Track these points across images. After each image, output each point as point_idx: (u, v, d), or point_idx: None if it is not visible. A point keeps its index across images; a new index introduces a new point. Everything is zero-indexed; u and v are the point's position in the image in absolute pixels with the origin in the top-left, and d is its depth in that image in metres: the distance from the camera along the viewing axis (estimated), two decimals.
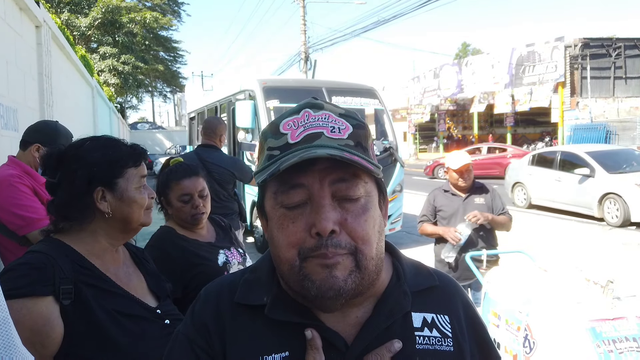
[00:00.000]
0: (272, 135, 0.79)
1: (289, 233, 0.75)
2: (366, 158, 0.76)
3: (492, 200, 3.74)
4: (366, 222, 0.76)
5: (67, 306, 1.21)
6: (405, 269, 0.88)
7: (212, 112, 10.18)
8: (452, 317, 0.85)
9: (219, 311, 0.84)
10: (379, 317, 0.80)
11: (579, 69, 25.76)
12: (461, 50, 60.18)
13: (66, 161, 1.35)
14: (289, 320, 0.79)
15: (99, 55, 22.85)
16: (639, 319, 2.29)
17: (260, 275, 0.86)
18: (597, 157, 10.20)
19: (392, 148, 7.90)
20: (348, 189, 0.75)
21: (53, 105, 4.71)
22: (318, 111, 0.79)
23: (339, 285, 0.73)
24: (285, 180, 0.75)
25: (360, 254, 0.74)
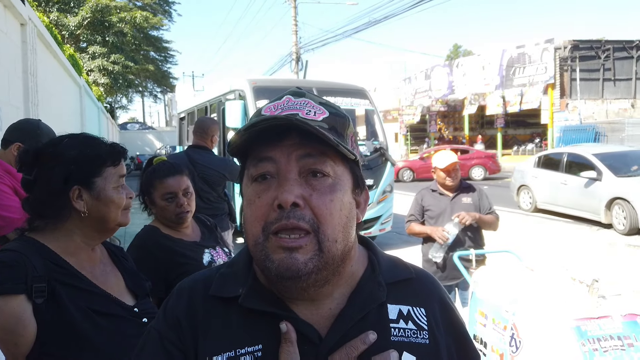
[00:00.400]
0: (254, 117, 0.81)
1: (255, 207, 0.76)
2: (337, 140, 0.76)
3: (479, 200, 3.75)
4: (332, 202, 0.75)
5: (40, 305, 1.20)
6: (380, 261, 0.87)
7: (202, 112, 10.14)
8: (428, 311, 0.84)
9: (192, 305, 0.83)
10: (352, 308, 0.80)
11: (569, 71, 25.99)
12: (452, 51, 60.55)
13: (43, 158, 1.33)
14: (262, 309, 0.78)
15: (88, 55, 22.69)
16: (624, 318, 2.29)
17: (236, 269, 0.85)
18: (605, 159, 9.58)
19: (382, 148, 7.91)
20: (316, 164, 0.76)
21: (38, 104, 4.65)
22: (298, 98, 0.81)
23: (298, 267, 0.72)
24: (255, 155, 0.77)
25: (323, 235, 0.74)
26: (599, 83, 26.63)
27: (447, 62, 34.47)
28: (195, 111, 10.84)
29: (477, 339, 2.78)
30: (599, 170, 9.31)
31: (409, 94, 36.79)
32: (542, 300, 2.47)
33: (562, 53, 25.85)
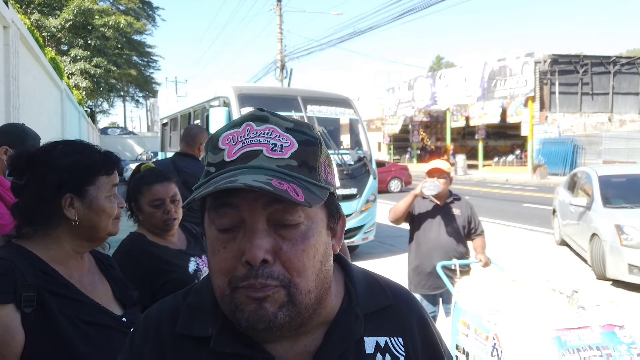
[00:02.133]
0: (211, 149, 0.74)
1: (219, 259, 0.70)
2: (308, 180, 0.70)
3: (470, 212, 3.79)
4: (304, 252, 0.69)
5: (28, 314, 1.17)
6: (357, 289, 0.83)
7: (186, 118, 10.07)
8: (405, 339, 0.82)
9: (160, 345, 0.77)
10: (329, 346, 0.76)
11: (548, 84, 26.52)
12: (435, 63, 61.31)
13: (36, 164, 1.30)
14: (237, 352, 0.73)
15: (69, 58, 22.41)
16: (603, 328, 2.34)
17: (203, 301, 0.79)
18: (608, 182, 7.53)
19: (365, 158, 7.95)
20: (285, 213, 0.68)
21: (20, 108, 4.58)
22: (261, 125, 0.72)
23: (269, 318, 0.67)
24: (217, 198, 0.70)
25: (295, 288, 0.68)
26: (578, 97, 27.24)
27: (430, 73, 34.91)
28: (178, 117, 10.77)
29: (460, 349, 2.80)
30: (592, 196, 7.39)
31: (393, 104, 37.12)
32: (523, 310, 2.50)
33: (542, 67, 26.39)
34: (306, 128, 0.75)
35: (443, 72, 33.23)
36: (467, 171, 29.46)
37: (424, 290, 3.71)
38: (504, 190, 19.77)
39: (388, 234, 9.65)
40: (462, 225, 3.74)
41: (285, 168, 0.69)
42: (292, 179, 0.68)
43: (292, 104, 7.77)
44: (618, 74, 27.84)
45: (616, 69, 27.71)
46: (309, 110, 7.81)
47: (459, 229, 3.73)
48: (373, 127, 38.52)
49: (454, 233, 3.70)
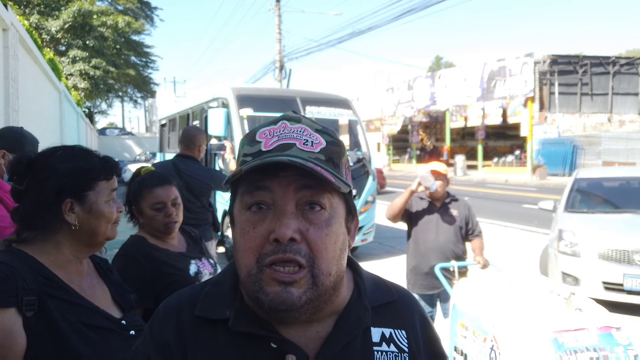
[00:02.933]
0: (248, 142, 0.80)
1: (249, 238, 0.75)
2: (334, 173, 0.77)
3: (468, 213, 3.80)
4: (327, 236, 0.75)
5: (30, 318, 1.19)
6: (365, 284, 0.89)
7: (184, 119, 10.08)
8: (408, 332, 0.88)
9: (179, 327, 0.82)
10: (340, 332, 0.81)
11: (548, 85, 26.53)
12: (434, 63, 61.31)
13: (36, 169, 1.32)
14: (253, 332, 0.78)
15: (68, 59, 22.39)
16: (599, 330, 2.35)
17: (222, 288, 0.84)
18: (586, 185, 6.84)
19: (364, 159, 7.95)
20: (313, 197, 0.75)
21: (19, 110, 4.58)
22: (295, 124, 0.80)
23: (292, 301, 0.73)
24: (251, 182, 0.76)
25: (317, 269, 0.74)
26: (577, 97, 27.25)
27: (429, 74, 34.90)
28: (177, 118, 10.78)
29: (458, 351, 2.81)
30: (560, 200, 6.69)
31: (392, 104, 37.12)
32: (521, 312, 2.51)
33: (542, 67, 26.40)
34: (332, 132, 0.83)
35: (442, 72, 33.23)
36: (466, 172, 29.47)
37: (422, 290, 3.72)
38: (503, 191, 19.79)
39: (387, 235, 9.66)
40: (459, 226, 3.75)
41: (315, 160, 0.76)
42: (322, 166, 0.75)
43: (291, 105, 7.76)
44: (617, 75, 27.86)
45: (615, 70, 27.72)
46: (307, 111, 7.81)
47: (456, 229, 3.74)
48: (372, 127, 38.52)
49: (451, 234, 3.71)
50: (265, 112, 7.75)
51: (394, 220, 3.83)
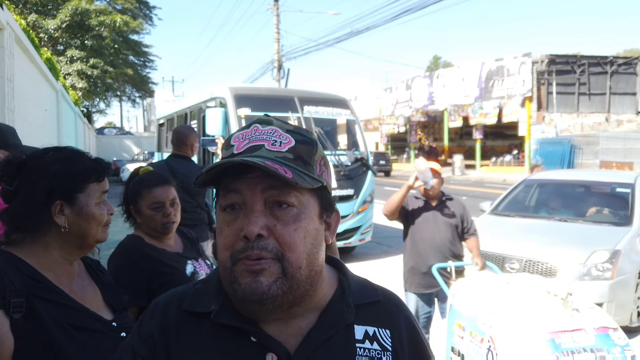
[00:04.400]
0: (225, 147, 0.85)
1: (224, 236, 0.80)
2: (301, 170, 0.81)
3: (463, 211, 3.80)
4: (295, 231, 0.79)
5: (17, 320, 1.17)
6: (350, 283, 0.92)
7: (182, 119, 10.07)
8: (393, 332, 0.89)
9: (166, 321, 0.86)
10: (321, 327, 0.84)
11: (545, 85, 26.57)
12: (432, 62, 61.41)
13: (26, 171, 1.31)
14: (233, 324, 0.81)
15: (66, 58, 22.32)
16: (596, 331, 2.34)
17: (210, 286, 0.88)
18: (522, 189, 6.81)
19: (363, 158, 7.96)
20: (279, 196, 0.79)
21: (15, 110, 4.57)
22: (266, 126, 0.85)
23: (262, 290, 0.76)
24: (224, 186, 0.82)
25: (287, 262, 0.78)
26: (575, 97, 27.30)
27: (428, 73, 34.93)
28: (175, 117, 10.76)
29: (455, 351, 2.80)
30: (494, 202, 6.83)
31: (390, 103, 37.14)
32: (518, 313, 2.50)
33: (540, 67, 26.43)
34: (304, 131, 0.87)
35: (440, 72, 33.25)
36: (464, 171, 29.50)
37: (419, 289, 3.72)
38: (501, 191, 19.70)
39: (385, 235, 9.66)
40: (455, 224, 3.75)
41: (282, 159, 0.80)
42: (285, 165, 0.79)
43: (288, 105, 7.76)
44: (615, 74, 27.91)
45: (613, 69, 27.77)
46: (305, 111, 7.80)
47: (453, 228, 3.74)
48: (370, 127, 38.55)
49: (448, 233, 3.71)
50: (263, 112, 7.65)
51: (391, 217, 3.82)
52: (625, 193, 5.75)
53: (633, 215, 5.40)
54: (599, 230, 5.30)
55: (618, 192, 5.90)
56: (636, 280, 4.80)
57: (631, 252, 4.92)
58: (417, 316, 3.74)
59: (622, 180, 6.05)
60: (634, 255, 4.93)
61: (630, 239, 5.03)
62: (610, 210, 5.74)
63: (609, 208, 5.79)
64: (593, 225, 5.48)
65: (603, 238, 5.03)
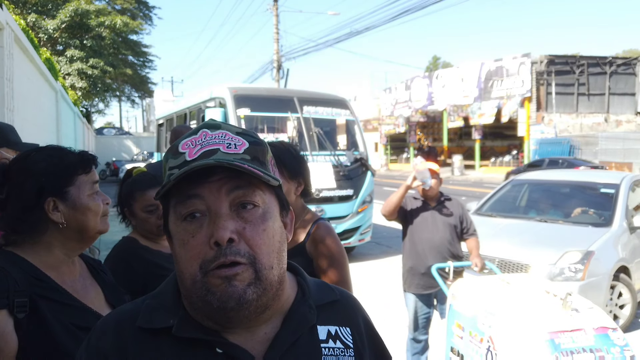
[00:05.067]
0: (172, 156, 0.81)
1: (190, 247, 0.76)
2: (261, 170, 0.79)
3: (462, 212, 3.80)
4: (265, 232, 0.78)
5: (21, 320, 1.18)
6: (309, 284, 0.92)
7: (182, 119, 10.07)
8: (353, 330, 0.91)
9: (119, 340, 0.80)
10: (286, 331, 0.83)
11: (545, 85, 26.59)
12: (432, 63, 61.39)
13: (12, 175, 1.30)
14: (197, 337, 0.78)
15: (66, 58, 22.30)
16: (596, 331, 2.34)
17: (163, 300, 0.84)
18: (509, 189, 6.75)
19: (362, 159, 7.96)
20: (245, 197, 0.77)
21: (14, 110, 4.56)
22: (215, 130, 0.82)
23: (239, 294, 0.74)
24: (182, 192, 0.77)
25: (259, 264, 0.76)
26: (574, 97, 27.32)
27: (427, 74, 34.94)
28: (174, 117, 10.76)
29: (454, 352, 2.80)
30: (480, 202, 6.78)
31: (389, 104, 37.15)
32: (518, 313, 2.50)
33: (539, 67, 26.45)
34: (253, 133, 0.85)
35: (440, 72, 33.25)
36: (463, 171, 29.51)
37: (418, 290, 3.72)
38: None
39: (385, 235, 9.67)
40: (454, 225, 3.75)
41: (241, 160, 0.78)
42: (249, 164, 0.77)
43: (288, 105, 7.76)
44: (614, 75, 27.94)
45: (612, 70, 27.80)
46: (305, 111, 7.80)
47: (451, 229, 3.74)
48: (370, 127, 38.55)
49: (447, 233, 3.71)
50: (262, 112, 7.74)
51: (390, 217, 3.81)
52: (610, 194, 5.69)
53: (614, 216, 5.33)
54: (576, 231, 5.27)
55: (603, 192, 5.82)
56: (609, 282, 4.73)
57: (606, 253, 4.87)
58: (416, 317, 3.74)
59: (607, 181, 5.96)
60: (609, 257, 4.88)
61: (606, 240, 4.98)
62: (595, 211, 5.68)
63: (594, 209, 5.74)
64: (572, 226, 5.45)
65: (578, 239, 4.99)
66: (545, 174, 7.29)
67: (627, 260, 5.02)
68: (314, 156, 7.36)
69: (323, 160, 7.50)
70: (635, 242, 5.33)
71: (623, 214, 5.35)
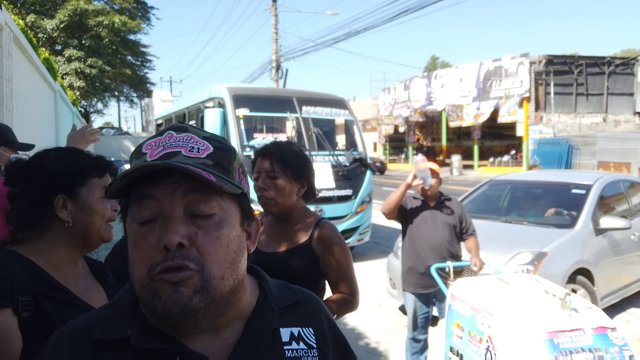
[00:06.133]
0: (135, 156, 0.80)
1: (140, 250, 0.74)
2: (221, 176, 0.77)
3: (461, 211, 3.81)
4: (218, 240, 0.75)
5: (26, 318, 1.18)
6: (271, 288, 0.91)
7: (180, 119, 10.06)
8: (316, 330, 0.91)
9: (75, 354, 0.77)
10: (248, 336, 0.82)
11: (543, 85, 26.61)
12: (430, 63, 61.44)
13: (29, 170, 1.33)
14: (157, 347, 0.75)
15: (64, 58, 22.28)
16: (595, 331, 2.35)
17: (121, 308, 0.81)
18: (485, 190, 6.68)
19: (362, 158, 7.96)
20: (200, 202, 0.75)
21: (13, 110, 4.55)
22: (181, 133, 0.81)
23: (184, 302, 0.71)
24: (137, 193, 0.76)
25: (208, 273, 0.73)
26: (572, 97, 27.35)
27: (426, 74, 34.93)
28: (173, 118, 10.76)
29: (454, 351, 2.81)
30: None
31: (388, 104, 37.15)
32: (517, 313, 2.51)
33: (537, 67, 26.48)
34: (222, 138, 0.84)
35: (439, 72, 33.25)
36: (462, 171, 29.52)
37: (417, 289, 3.72)
38: None
39: (384, 235, 9.67)
40: (454, 225, 3.76)
41: (201, 165, 0.76)
42: (206, 170, 0.76)
43: (287, 105, 7.76)
44: (613, 75, 27.97)
45: (611, 70, 27.83)
46: (304, 111, 7.80)
47: (451, 229, 3.74)
48: (368, 127, 38.55)
49: (446, 233, 3.72)
50: (261, 112, 7.74)
51: (390, 215, 3.80)
52: (581, 195, 5.56)
53: (578, 218, 5.21)
54: (536, 232, 5.19)
55: (573, 193, 5.70)
56: (563, 284, 4.59)
57: (561, 255, 4.78)
58: (415, 316, 3.74)
59: (580, 182, 5.82)
60: (565, 259, 4.77)
61: (564, 242, 4.90)
62: (567, 212, 5.52)
63: (565, 209, 5.60)
64: (535, 227, 5.38)
65: (534, 240, 4.92)
66: (523, 175, 7.24)
67: (589, 262, 4.89)
68: (312, 156, 7.36)
69: (322, 160, 7.50)
70: (603, 244, 5.19)
71: (589, 216, 5.23)
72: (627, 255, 5.52)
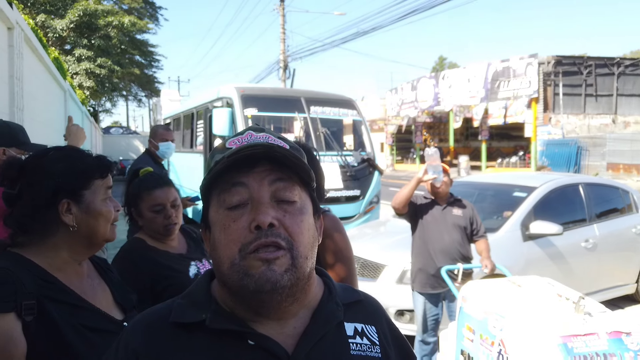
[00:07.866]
0: (219, 152, 0.85)
1: (230, 231, 0.79)
2: (305, 164, 0.84)
3: (472, 213, 3.78)
4: (302, 222, 0.82)
5: (29, 322, 1.16)
6: (335, 285, 0.96)
7: (189, 118, 10.08)
8: (377, 328, 0.94)
9: (150, 336, 0.82)
10: (315, 326, 0.85)
11: (552, 86, 26.43)
12: (438, 63, 61.25)
13: (29, 172, 1.29)
14: (231, 329, 0.80)
15: (74, 58, 22.42)
16: (609, 335, 2.32)
17: (194, 298, 0.87)
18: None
19: (370, 159, 7.94)
20: (286, 189, 0.82)
21: (23, 109, 4.58)
22: (259, 132, 0.87)
23: (276, 279, 0.76)
24: (227, 180, 0.81)
25: (296, 251, 0.79)
26: (581, 98, 27.14)
27: (433, 74, 34.81)
28: (181, 117, 10.79)
29: (465, 355, 2.78)
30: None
31: (395, 104, 37.04)
32: (529, 316, 2.48)
33: (546, 68, 26.30)
34: (291, 142, 0.90)
35: (446, 72, 33.11)
36: (470, 172, 29.38)
37: (426, 289, 3.70)
38: None
39: None
40: (464, 226, 3.73)
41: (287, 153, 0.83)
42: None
43: (295, 105, 7.75)
44: (622, 76, 27.73)
45: (620, 71, 27.60)
46: (312, 111, 7.79)
47: (461, 230, 3.72)
48: (376, 127, 38.48)
49: (456, 234, 3.70)
50: (269, 112, 7.73)
51: (400, 209, 3.76)
52: (520, 198, 5.24)
53: (505, 222, 4.94)
54: None
55: (514, 196, 5.36)
56: None
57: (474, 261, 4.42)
58: (425, 318, 3.72)
59: (525, 184, 5.52)
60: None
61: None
62: (498, 216, 5.16)
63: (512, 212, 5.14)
64: None
65: None
66: (483, 177, 7.02)
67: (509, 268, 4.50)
68: (321, 156, 7.34)
69: (330, 160, 7.49)
70: (534, 251, 4.86)
71: (518, 220, 4.93)
72: (574, 265, 5.12)
